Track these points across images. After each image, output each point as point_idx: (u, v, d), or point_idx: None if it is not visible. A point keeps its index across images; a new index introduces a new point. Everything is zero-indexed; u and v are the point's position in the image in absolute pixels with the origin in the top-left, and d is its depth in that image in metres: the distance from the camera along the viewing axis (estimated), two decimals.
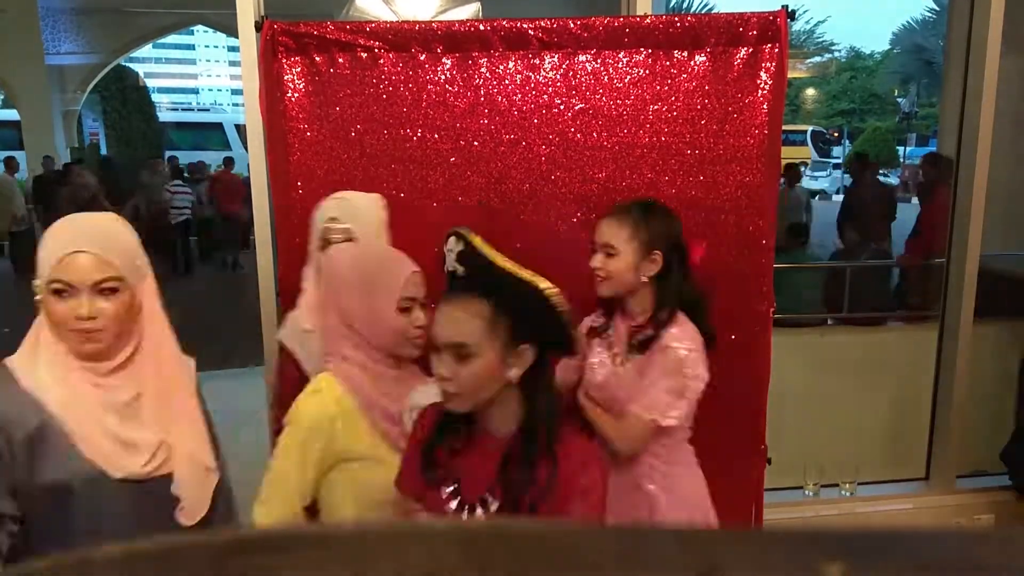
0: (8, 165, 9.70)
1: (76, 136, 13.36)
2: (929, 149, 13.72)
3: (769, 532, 0.30)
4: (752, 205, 2.12)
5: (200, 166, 11.72)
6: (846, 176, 14.71)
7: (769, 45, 2.09)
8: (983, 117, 2.72)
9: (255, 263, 2.34)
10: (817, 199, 12.44)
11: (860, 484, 3.03)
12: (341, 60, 2.07)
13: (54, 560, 0.29)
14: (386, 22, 2.49)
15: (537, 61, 2.09)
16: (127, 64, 16.45)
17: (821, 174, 19.82)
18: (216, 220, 10.45)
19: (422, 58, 2.08)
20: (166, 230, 9.56)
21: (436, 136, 2.10)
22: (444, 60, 2.08)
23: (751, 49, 2.09)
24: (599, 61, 2.09)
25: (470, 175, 2.11)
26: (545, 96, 2.10)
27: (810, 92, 28.97)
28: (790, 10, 2.09)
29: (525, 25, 2.07)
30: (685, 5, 19.51)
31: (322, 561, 0.28)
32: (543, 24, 2.07)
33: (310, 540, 0.29)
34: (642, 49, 2.09)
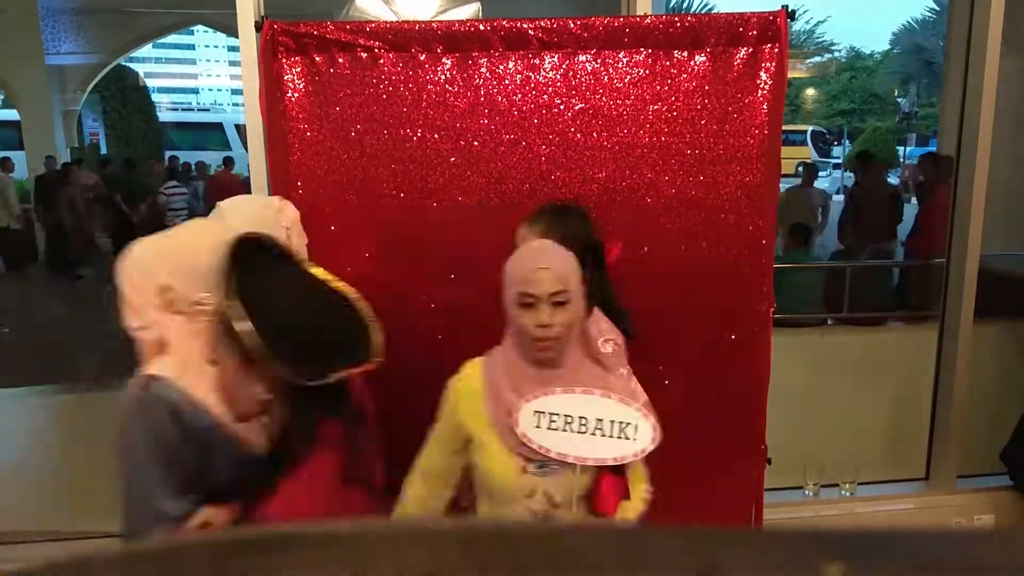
0: (3, 166, 9.68)
1: (76, 136, 13.35)
2: (929, 149, 13.72)
3: (769, 532, 0.30)
4: (752, 205, 2.12)
5: (201, 166, 11.73)
6: (847, 176, 14.70)
7: (769, 45, 2.09)
8: (983, 117, 2.72)
9: None
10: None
11: (860, 484, 3.03)
12: (341, 60, 2.07)
13: (54, 560, 0.29)
14: (386, 22, 2.50)
15: (537, 61, 2.09)
16: (127, 64, 16.44)
17: (821, 174, 19.82)
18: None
19: (422, 58, 2.08)
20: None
21: (436, 136, 2.10)
22: (444, 60, 2.08)
23: (751, 49, 2.09)
24: (599, 61, 2.09)
25: (470, 175, 2.11)
26: (545, 96, 2.10)
27: (810, 92, 28.94)
28: (790, 10, 2.09)
29: (525, 25, 2.07)
30: (685, 5, 19.52)
31: (322, 561, 0.28)
32: (543, 24, 2.07)
33: (310, 540, 0.29)
34: (642, 49, 2.09)
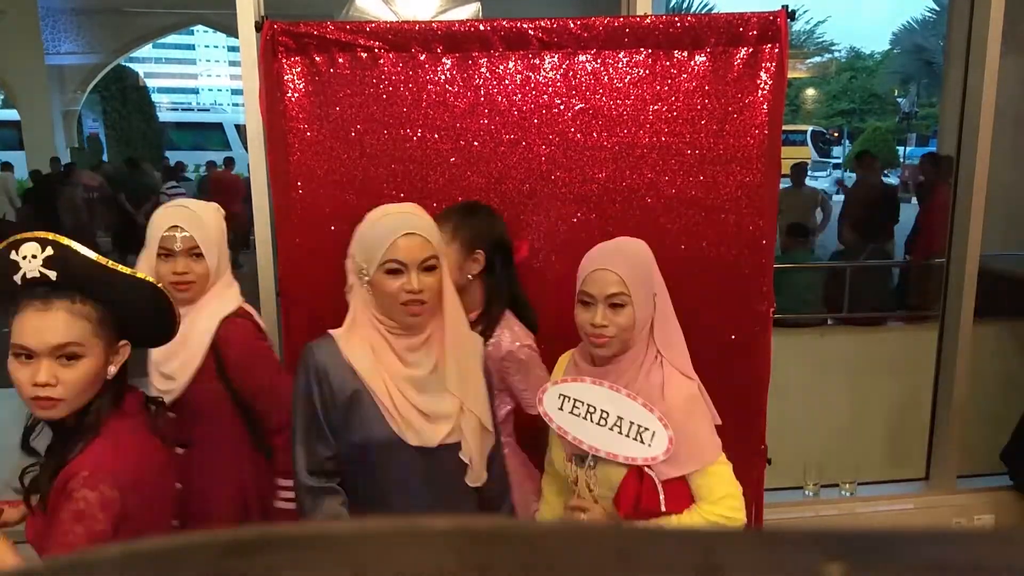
0: (3, 168, 9.71)
1: (76, 136, 13.34)
2: (929, 149, 13.71)
3: (769, 532, 0.30)
4: (752, 205, 2.12)
5: (211, 165, 11.81)
6: (847, 175, 14.70)
7: (769, 45, 2.09)
8: (983, 117, 2.72)
9: (256, 263, 2.34)
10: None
11: (860, 484, 3.03)
12: (341, 60, 2.07)
13: (54, 560, 0.29)
14: (386, 22, 2.49)
15: (537, 61, 2.09)
16: (127, 64, 16.43)
17: (821, 174, 19.81)
18: None
19: (422, 58, 2.08)
20: None
21: (436, 136, 2.10)
22: (444, 60, 2.08)
23: (751, 49, 2.09)
24: (599, 61, 2.09)
25: (470, 175, 2.11)
26: (545, 96, 2.10)
27: (810, 92, 28.90)
28: (790, 10, 2.09)
29: (525, 25, 2.07)
30: (685, 5, 19.51)
31: (322, 561, 0.28)
32: (543, 24, 2.07)
33: (310, 540, 0.29)
34: (642, 49, 2.09)
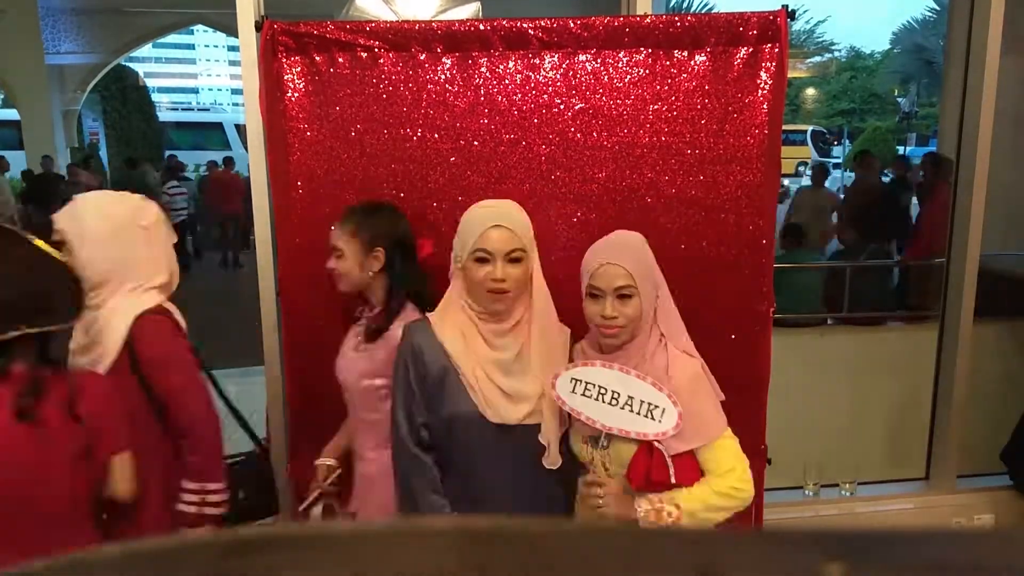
0: None
1: (76, 136, 13.34)
2: (929, 149, 13.69)
3: (769, 532, 0.30)
4: (752, 205, 2.12)
5: (212, 165, 11.84)
6: (847, 175, 14.69)
7: (769, 45, 2.09)
8: (983, 117, 2.72)
9: (256, 263, 2.34)
10: None
11: (860, 484, 3.03)
12: (341, 60, 2.07)
13: (54, 560, 0.29)
14: (386, 22, 2.49)
15: (537, 61, 2.09)
16: (127, 64, 16.43)
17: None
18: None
19: (422, 58, 2.08)
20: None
21: (436, 136, 2.10)
22: (444, 60, 2.08)
23: (751, 49, 2.09)
24: (599, 61, 2.09)
25: (470, 175, 2.11)
26: (545, 96, 2.10)
27: (810, 92, 28.91)
28: (790, 10, 2.09)
29: (525, 25, 2.07)
30: (685, 5, 19.51)
31: (322, 561, 0.28)
32: (543, 24, 2.06)
33: (310, 540, 0.29)
34: (642, 49, 2.09)
